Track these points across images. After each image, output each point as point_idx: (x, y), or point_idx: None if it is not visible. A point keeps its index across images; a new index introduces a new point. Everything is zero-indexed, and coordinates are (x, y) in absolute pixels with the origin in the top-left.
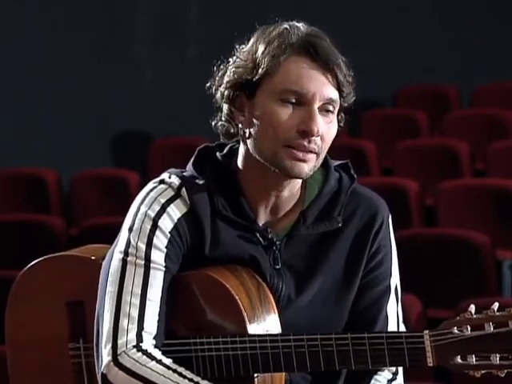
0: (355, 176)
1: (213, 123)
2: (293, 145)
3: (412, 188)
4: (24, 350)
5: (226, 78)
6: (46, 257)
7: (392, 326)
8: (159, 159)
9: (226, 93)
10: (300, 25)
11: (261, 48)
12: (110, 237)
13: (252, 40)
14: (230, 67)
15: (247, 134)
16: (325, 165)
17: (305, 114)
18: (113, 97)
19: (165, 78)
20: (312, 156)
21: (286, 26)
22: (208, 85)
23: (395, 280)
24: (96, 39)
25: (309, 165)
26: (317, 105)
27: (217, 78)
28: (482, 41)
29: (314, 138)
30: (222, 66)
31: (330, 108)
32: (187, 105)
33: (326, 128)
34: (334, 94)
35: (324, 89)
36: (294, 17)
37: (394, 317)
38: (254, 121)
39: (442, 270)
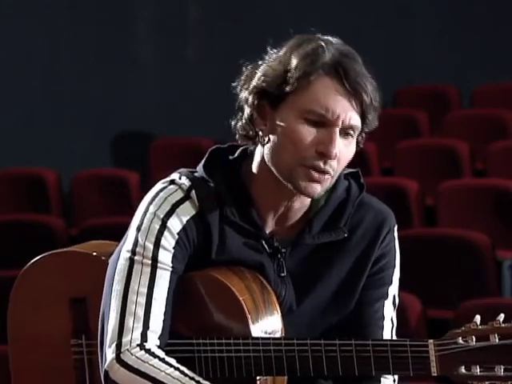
0: (364, 185)
1: (232, 123)
2: (309, 164)
3: (412, 188)
4: (26, 346)
5: (253, 83)
6: (47, 253)
7: (387, 331)
8: (159, 159)
9: (250, 98)
10: (334, 41)
11: (293, 62)
12: (110, 237)
13: (285, 49)
14: (258, 72)
15: (266, 143)
16: None
17: (326, 136)
18: (113, 97)
19: (165, 78)
20: (327, 177)
21: (320, 42)
22: (234, 84)
23: (394, 290)
24: (96, 39)
25: (322, 186)
26: (339, 128)
27: (243, 78)
28: (482, 41)
29: (330, 160)
30: (250, 67)
31: (351, 132)
32: (187, 105)
33: (345, 150)
34: (356, 120)
35: (348, 114)
36: (293, 17)
37: (389, 322)
38: (275, 133)
39: (442, 269)
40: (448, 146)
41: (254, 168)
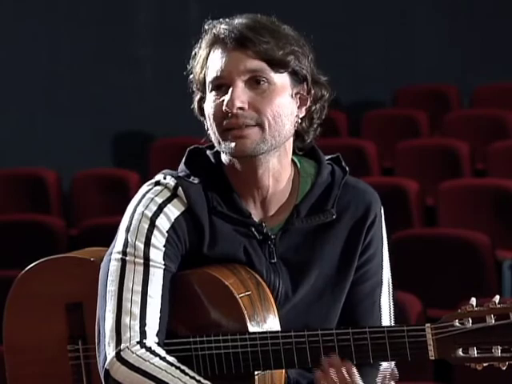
0: (347, 168)
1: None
2: (224, 127)
3: (412, 188)
4: (23, 352)
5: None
6: (44, 259)
7: (385, 319)
8: (159, 159)
9: (194, 105)
10: (228, 19)
11: (199, 53)
12: (110, 237)
13: None
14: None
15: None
16: (317, 159)
17: (226, 95)
18: (113, 97)
19: (165, 77)
20: (252, 130)
21: (214, 23)
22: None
23: (387, 273)
24: (96, 39)
25: (251, 139)
26: (239, 81)
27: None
28: (482, 41)
29: (238, 111)
30: None
31: (261, 80)
32: (187, 105)
33: (259, 99)
34: (254, 64)
35: (241, 65)
36: (294, 17)
37: (386, 310)
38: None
39: (442, 269)
40: (448, 145)
41: (224, 161)
